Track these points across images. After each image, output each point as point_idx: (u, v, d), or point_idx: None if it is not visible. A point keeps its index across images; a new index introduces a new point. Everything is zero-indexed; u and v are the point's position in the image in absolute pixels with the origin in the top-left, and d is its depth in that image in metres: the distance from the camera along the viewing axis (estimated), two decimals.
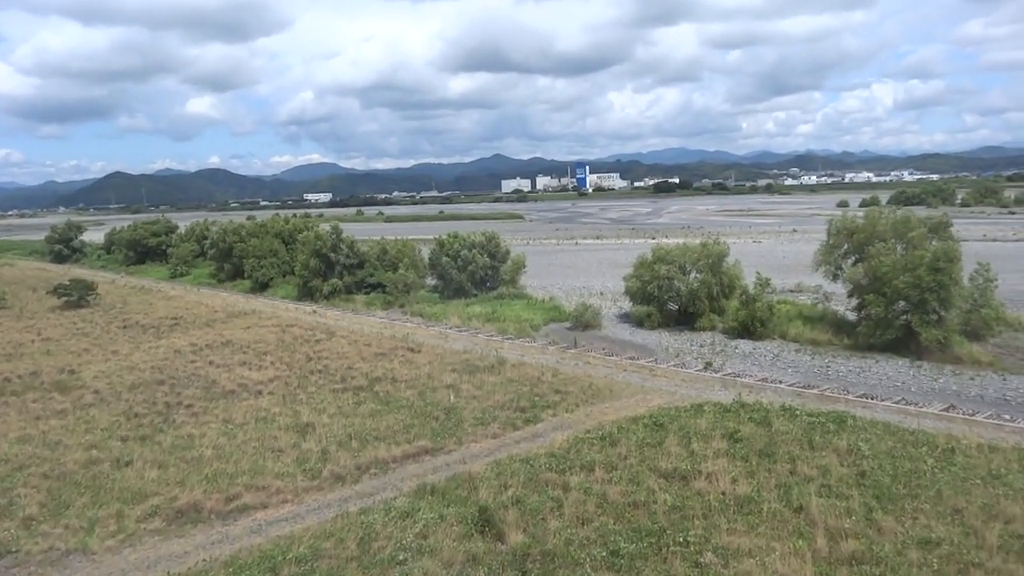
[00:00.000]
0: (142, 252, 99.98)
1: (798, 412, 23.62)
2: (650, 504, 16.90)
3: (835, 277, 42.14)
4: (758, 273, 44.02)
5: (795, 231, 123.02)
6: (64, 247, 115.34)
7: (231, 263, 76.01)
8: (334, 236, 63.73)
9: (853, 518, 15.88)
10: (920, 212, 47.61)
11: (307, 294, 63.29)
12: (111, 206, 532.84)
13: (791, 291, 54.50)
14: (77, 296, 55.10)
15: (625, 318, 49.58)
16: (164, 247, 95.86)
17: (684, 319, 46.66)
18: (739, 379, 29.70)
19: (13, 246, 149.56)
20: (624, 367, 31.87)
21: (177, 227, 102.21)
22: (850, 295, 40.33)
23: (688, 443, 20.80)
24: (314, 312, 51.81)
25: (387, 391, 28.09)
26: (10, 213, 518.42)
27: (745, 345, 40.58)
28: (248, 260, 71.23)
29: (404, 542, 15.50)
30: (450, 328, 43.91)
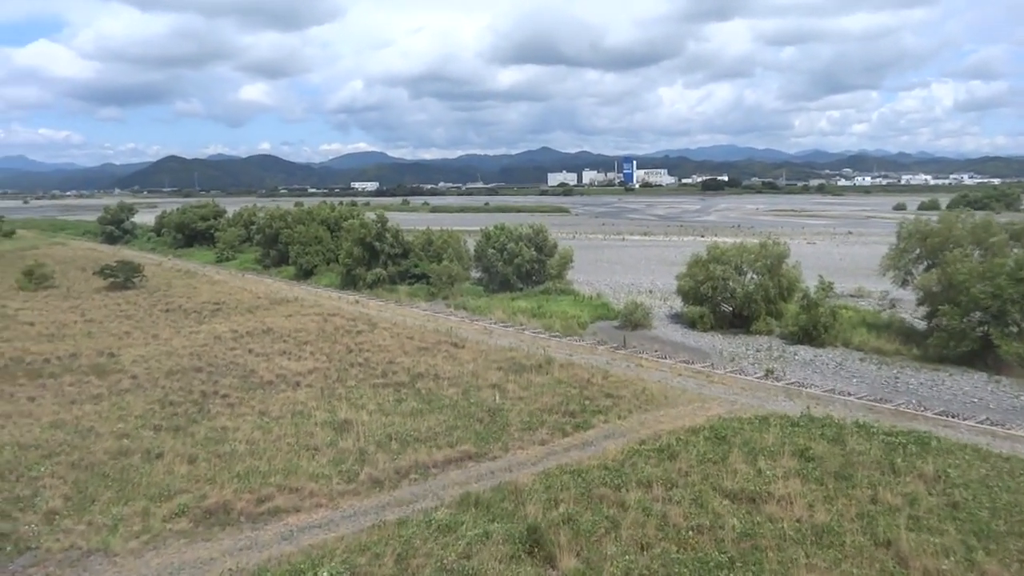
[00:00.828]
0: (190, 235, 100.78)
1: (874, 429, 21.67)
2: (716, 529, 15.27)
3: (904, 283, 39.74)
4: (821, 276, 41.76)
5: (850, 233, 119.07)
6: (115, 228, 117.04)
7: (276, 249, 75.81)
8: (379, 225, 62.85)
9: (951, 559, 14.03)
10: (1000, 219, 44.57)
11: (350, 283, 62.56)
12: (164, 189, 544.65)
13: (851, 296, 52.01)
14: (123, 278, 55.15)
15: (676, 318, 47.70)
16: (212, 231, 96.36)
17: (738, 321, 44.64)
18: (804, 389, 27.73)
19: (67, 226, 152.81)
20: (679, 371, 30.12)
21: (225, 211, 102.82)
22: (920, 303, 37.94)
23: (754, 460, 19.06)
24: (357, 302, 50.94)
25: (429, 388, 26.82)
26: (69, 193, 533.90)
27: (805, 352, 38.44)
28: (293, 246, 70.86)
29: (445, 562, 14.14)
30: (495, 323, 42.56)
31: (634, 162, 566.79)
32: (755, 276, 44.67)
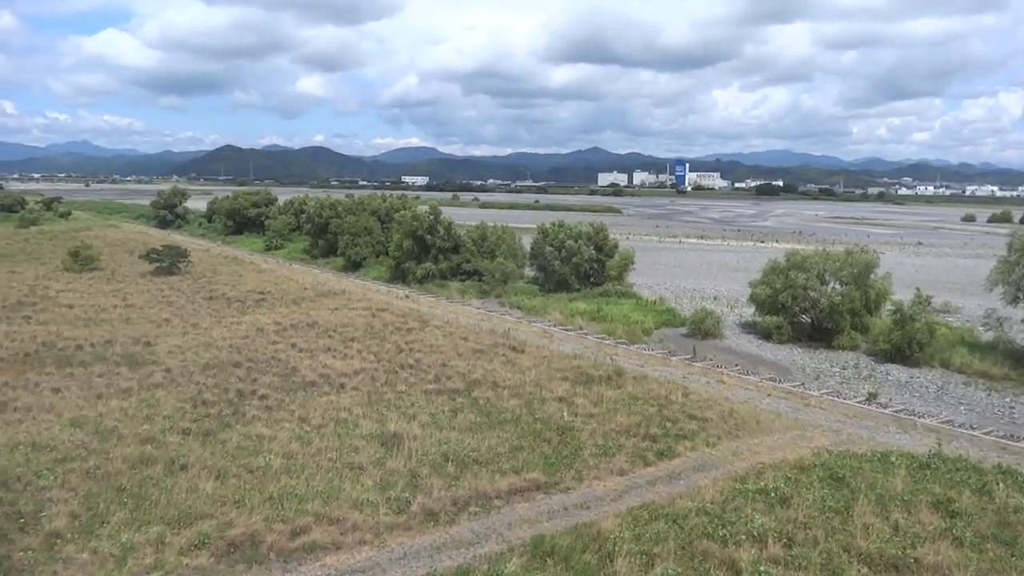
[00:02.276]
0: (241, 222, 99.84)
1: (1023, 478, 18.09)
2: None
3: (1015, 300, 35.67)
4: (917, 289, 37.82)
5: (920, 244, 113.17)
6: (168, 213, 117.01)
7: (325, 239, 73.92)
8: (432, 217, 60.31)
9: None
10: None
11: (399, 276, 60.18)
12: (220, 178, 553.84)
13: (936, 311, 47.75)
14: (168, 263, 53.55)
15: (748, 328, 44.14)
16: (262, 218, 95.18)
17: (817, 334, 40.95)
18: (918, 419, 24.10)
19: (123, 209, 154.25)
20: (767, 391, 26.73)
21: (276, 199, 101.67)
22: None
23: (886, 512, 15.70)
24: (407, 297, 48.40)
25: (488, 399, 23.93)
26: (128, 178, 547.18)
27: (899, 371, 34.67)
28: (343, 237, 68.79)
29: None
30: (554, 326, 39.55)
31: (686, 164, 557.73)
32: (838, 286, 40.95)
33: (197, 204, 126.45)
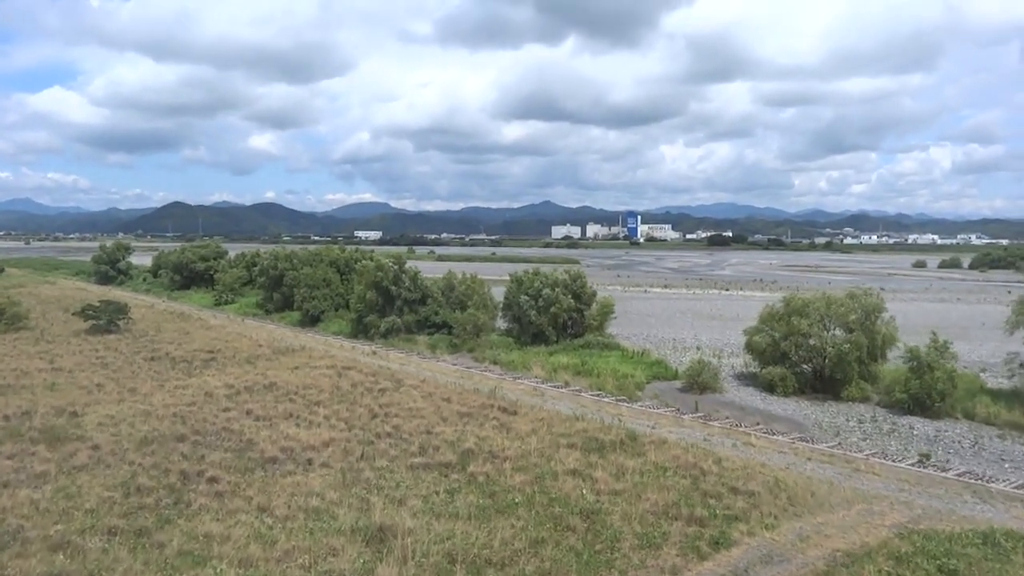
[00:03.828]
0: (188, 277, 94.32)
1: None
2: None
3: None
4: (933, 333, 35.20)
5: (883, 290, 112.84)
6: (110, 268, 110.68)
7: (280, 292, 69.23)
8: (396, 267, 56.47)
9: None
10: None
11: (362, 331, 55.89)
12: (167, 234, 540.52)
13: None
14: (106, 320, 48.37)
15: (745, 379, 41.07)
16: (212, 272, 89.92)
17: (822, 385, 38.02)
18: (988, 484, 20.80)
19: (63, 265, 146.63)
20: (804, 453, 23.25)
21: (226, 252, 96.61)
22: None
23: None
24: (374, 353, 44.11)
25: (487, 474, 19.93)
26: (71, 236, 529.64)
27: (922, 425, 31.75)
28: (299, 289, 64.30)
29: None
30: (543, 383, 35.79)
31: (638, 216, 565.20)
32: (840, 332, 38.19)
33: (143, 260, 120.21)
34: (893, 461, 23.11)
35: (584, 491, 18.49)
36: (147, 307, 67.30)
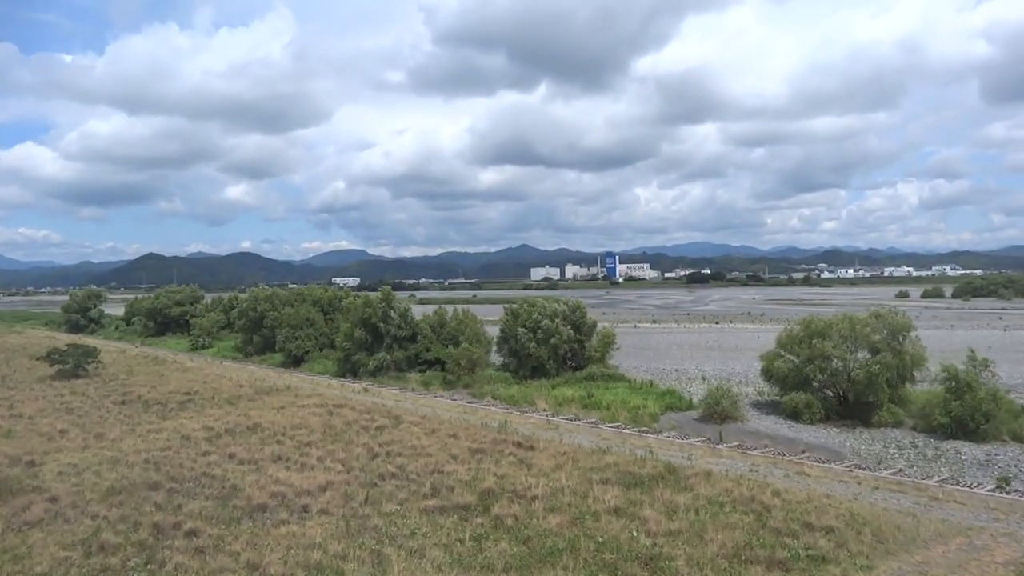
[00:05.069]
0: (163, 323, 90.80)
1: None
2: None
3: None
4: (971, 351, 33.00)
5: None
6: (81, 317, 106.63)
7: (260, 335, 66.08)
8: (384, 303, 53.72)
9: None
10: None
11: (349, 369, 52.90)
12: (142, 286, 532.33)
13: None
14: (73, 364, 44.84)
15: (763, 408, 38.68)
16: (187, 317, 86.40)
17: (846, 411, 35.66)
18: None
19: (32, 316, 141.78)
20: (869, 482, 20.55)
21: (203, 297, 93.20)
22: None
23: None
24: (365, 390, 40.99)
25: (515, 516, 17.01)
26: (43, 290, 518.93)
27: (969, 449, 29.38)
28: (281, 330, 61.20)
29: None
30: (553, 416, 32.99)
31: (616, 257, 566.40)
32: (866, 354, 35.94)
33: (116, 311, 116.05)
34: (971, 488, 20.52)
35: (635, 532, 15.64)
36: (119, 352, 63.63)
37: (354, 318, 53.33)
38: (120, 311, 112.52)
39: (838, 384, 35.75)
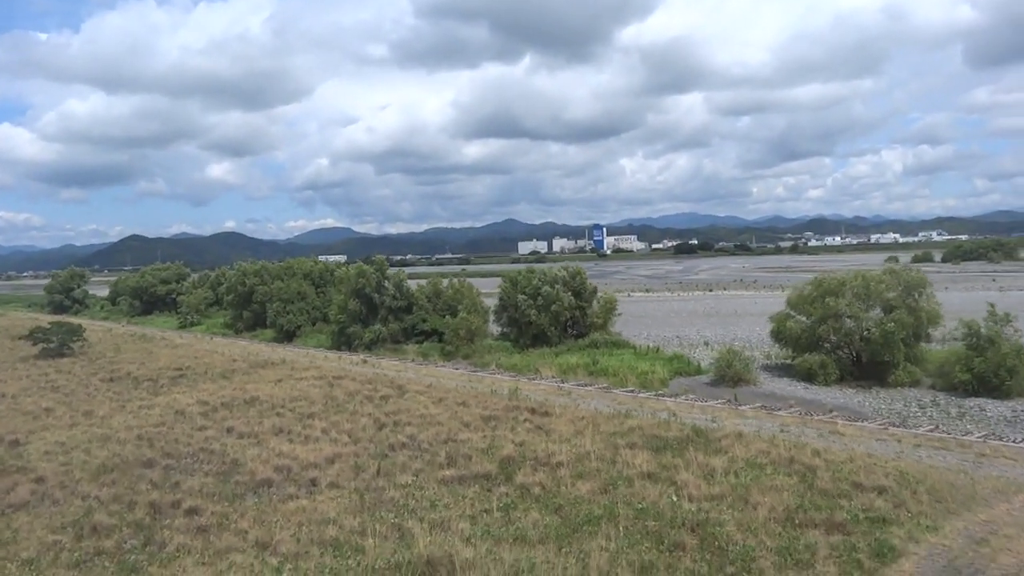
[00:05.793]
0: (149, 301, 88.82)
1: None
2: None
3: None
4: (991, 305, 32.02)
5: None
6: (64, 297, 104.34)
7: (251, 310, 64.41)
8: (378, 273, 52.22)
9: None
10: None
11: (344, 342, 51.49)
12: (125, 268, 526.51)
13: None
14: (57, 342, 43.23)
15: (774, 370, 37.63)
16: (174, 295, 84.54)
17: (862, 371, 34.64)
18: None
19: (14, 299, 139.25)
20: (909, 440, 19.48)
21: (189, 274, 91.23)
22: None
23: None
24: (364, 362, 39.71)
25: (542, 484, 15.81)
26: (25, 274, 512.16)
27: (995, 406, 28.44)
28: (272, 304, 59.60)
29: None
30: (563, 382, 31.84)
31: (604, 229, 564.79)
32: (879, 312, 34.91)
33: (100, 292, 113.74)
34: (1016, 443, 19.52)
35: (674, 498, 14.47)
36: (105, 331, 61.96)
37: (347, 289, 51.82)
38: (104, 294, 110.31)
39: (852, 344, 34.73)
